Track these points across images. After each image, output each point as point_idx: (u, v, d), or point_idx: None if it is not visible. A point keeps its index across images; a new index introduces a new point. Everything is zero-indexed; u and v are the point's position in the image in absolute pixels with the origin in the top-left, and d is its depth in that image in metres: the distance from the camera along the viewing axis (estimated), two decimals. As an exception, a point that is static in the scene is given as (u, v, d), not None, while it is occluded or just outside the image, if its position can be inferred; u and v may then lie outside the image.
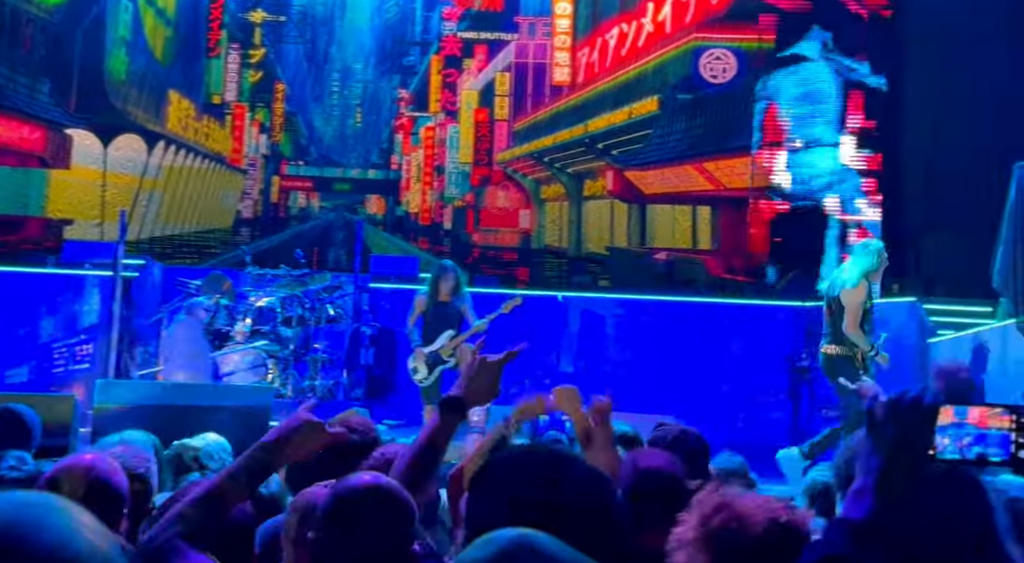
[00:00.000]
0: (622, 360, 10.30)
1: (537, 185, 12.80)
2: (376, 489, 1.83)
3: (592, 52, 12.75)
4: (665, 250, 12.33)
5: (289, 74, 12.88)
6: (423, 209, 12.81)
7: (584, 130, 12.66)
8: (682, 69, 12.35)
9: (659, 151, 12.41)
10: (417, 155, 12.89)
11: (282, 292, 8.92)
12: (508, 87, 12.81)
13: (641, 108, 12.47)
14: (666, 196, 12.45)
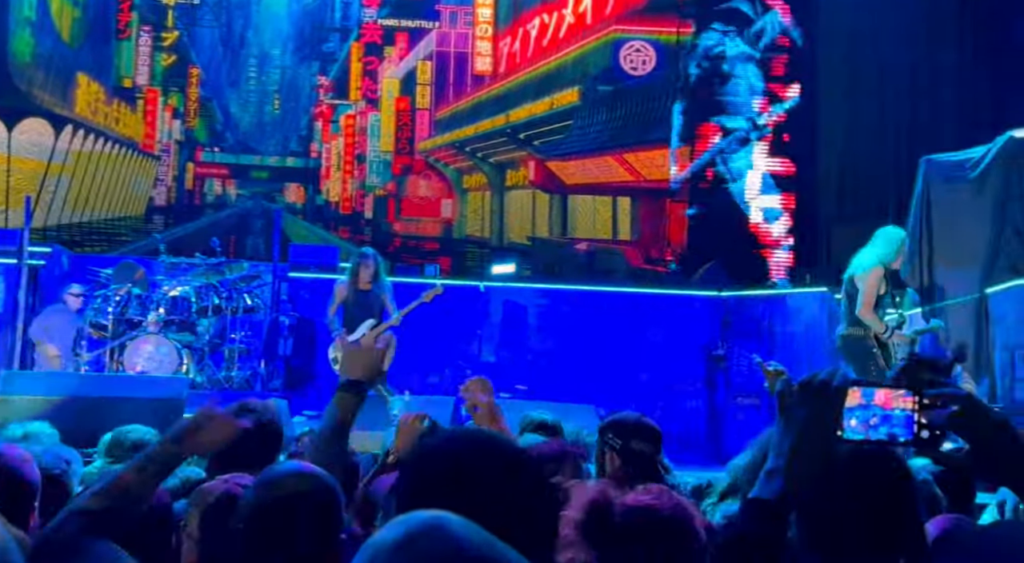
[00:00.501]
0: (544, 349, 10.35)
1: (459, 174, 12.76)
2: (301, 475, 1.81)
3: (514, 42, 12.75)
4: (586, 240, 12.43)
5: (204, 58, 12.57)
6: (343, 198, 12.66)
7: (506, 120, 12.67)
8: (602, 61, 12.44)
9: (580, 142, 12.50)
10: (337, 143, 12.72)
11: (197, 281, 8.72)
12: (430, 76, 12.73)
13: (562, 99, 12.53)
14: (587, 187, 12.55)
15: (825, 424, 1.35)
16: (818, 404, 1.35)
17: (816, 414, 1.35)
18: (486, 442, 1.30)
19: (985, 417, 1.29)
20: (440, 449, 1.30)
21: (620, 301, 10.46)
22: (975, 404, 1.31)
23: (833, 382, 1.35)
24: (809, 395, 1.36)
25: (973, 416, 1.30)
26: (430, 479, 1.24)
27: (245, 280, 9.07)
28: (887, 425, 1.35)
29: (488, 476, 1.22)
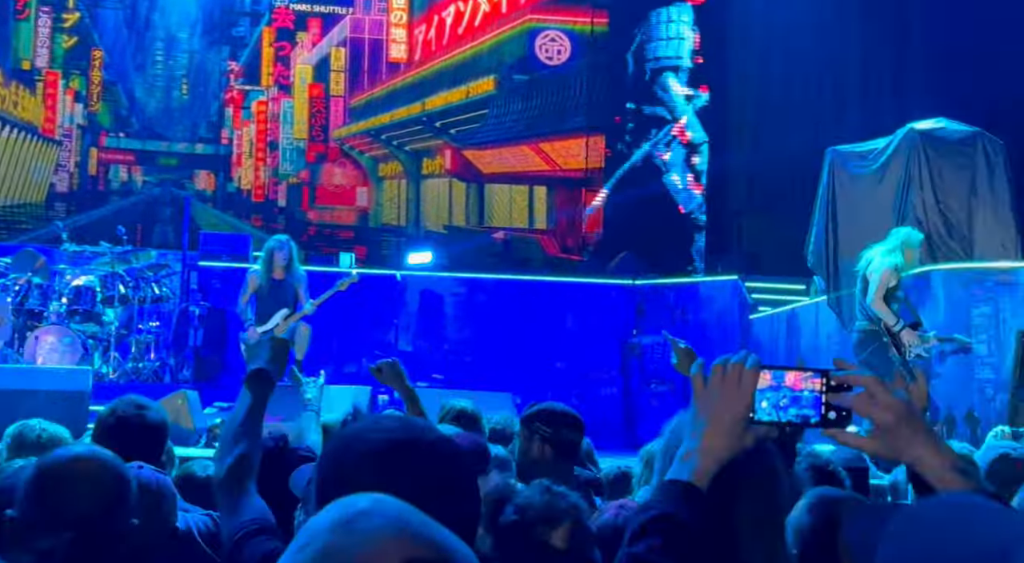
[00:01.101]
0: (460, 338, 10.33)
1: (375, 163, 12.63)
2: (82, 459, 1.76)
3: (429, 29, 12.66)
4: (502, 229, 12.45)
5: (108, 41, 12.14)
6: (256, 185, 12.40)
7: (422, 108, 12.59)
8: (518, 50, 12.46)
9: (496, 131, 12.50)
10: (249, 130, 12.45)
11: (102, 270, 8.43)
12: (344, 62, 12.56)
13: (478, 87, 12.51)
14: (504, 175, 12.56)
15: (737, 406, 1.37)
16: (731, 386, 1.37)
17: (729, 396, 1.37)
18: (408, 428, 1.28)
19: (888, 399, 1.33)
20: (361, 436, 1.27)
21: (536, 290, 10.50)
22: (879, 386, 1.35)
23: (746, 364, 1.38)
24: (722, 378, 1.38)
25: (876, 398, 1.33)
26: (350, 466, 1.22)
27: (153, 269, 8.82)
28: (796, 406, 1.37)
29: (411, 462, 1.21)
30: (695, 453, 1.37)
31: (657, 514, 1.34)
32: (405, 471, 1.19)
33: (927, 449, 1.33)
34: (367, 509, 0.88)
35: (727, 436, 1.37)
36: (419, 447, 1.23)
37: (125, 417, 2.73)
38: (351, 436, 1.30)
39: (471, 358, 10.16)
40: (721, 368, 1.39)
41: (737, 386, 1.37)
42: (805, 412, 1.37)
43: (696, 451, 1.37)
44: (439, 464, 1.22)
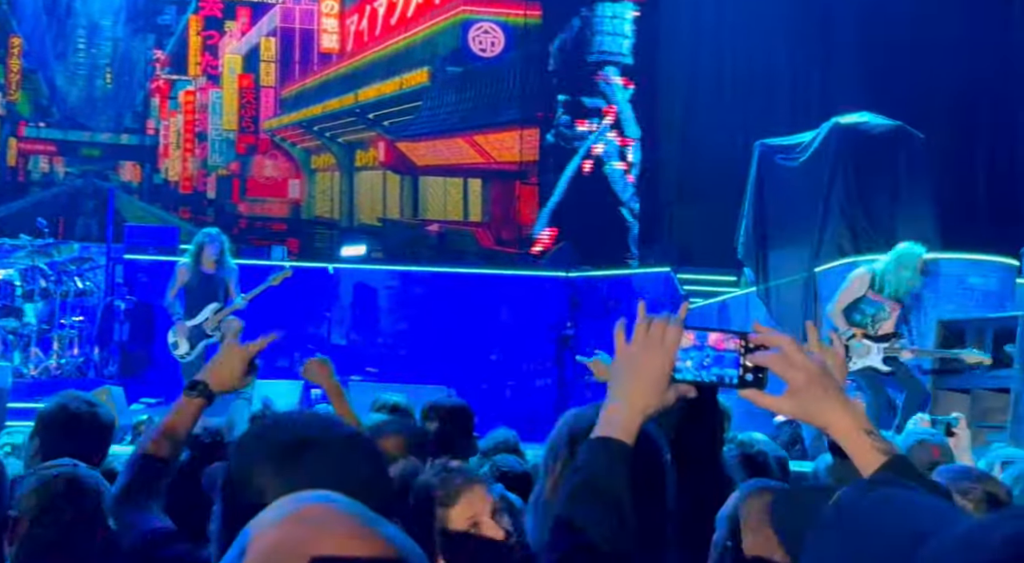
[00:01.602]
0: (395, 331, 10.28)
1: (307, 154, 12.47)
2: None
3: (361, 20, 12.53)
4: (437, 222, 12.41)
5: (26, 27, 11.76)
6: (184, 177, 12.15)
7: (354, 99, 12.46)
8: (451, 41, 12.41)
9: (430, 123, 12.44)
10: (176, 120, 12.19)
11: (22, 263, 8.19)
12: (274, 53, 12.36)
13: (411, 79, 12.43)
14: (438, 168, 12.51)
15: (661, 362, 1.38)
16: (654, 343, 1.38)
17: (652, 353, 1.38)
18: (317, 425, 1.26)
19: (802, 360, 1.35)
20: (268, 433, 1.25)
21: (471, 282, 10.49)
22: (795, 347, 1.37)
23: (669, 323, 1.39)
24: (646, 335, 1.39)
25: (791, 358, 1.35)
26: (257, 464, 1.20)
27: (76, 262, 8.60)
28: (718, 366, 1.39)
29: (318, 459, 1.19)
30: (620, 409, 1.38)
31: (588, 476, 1.34)
32: (312, 468, 1.18)
33: (838, 411, 1.34)
34: (317, 503, 0.87)
35: (650, 392, 1.37)
36: (327, 443, 1.21)
37: (78, 414, 2.64)
38: (258, 433, 1.28)
39: (406, 351, 10.12)
40: (645, 325, 1.40)
41: (661, 343, 1.38)
42: (725, 372, 1.39)
43: (620, 407, 1.38)
44: (348, 460, 1.21)
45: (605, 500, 1.32)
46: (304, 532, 0.83)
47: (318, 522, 0.84)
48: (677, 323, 1.40)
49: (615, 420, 1.38)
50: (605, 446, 1.36)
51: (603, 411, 1.40)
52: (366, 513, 0.86)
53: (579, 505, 1.33)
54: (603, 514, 1.32)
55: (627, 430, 1.37)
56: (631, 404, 1.38)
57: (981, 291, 7.18)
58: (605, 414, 1.39)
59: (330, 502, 0.87)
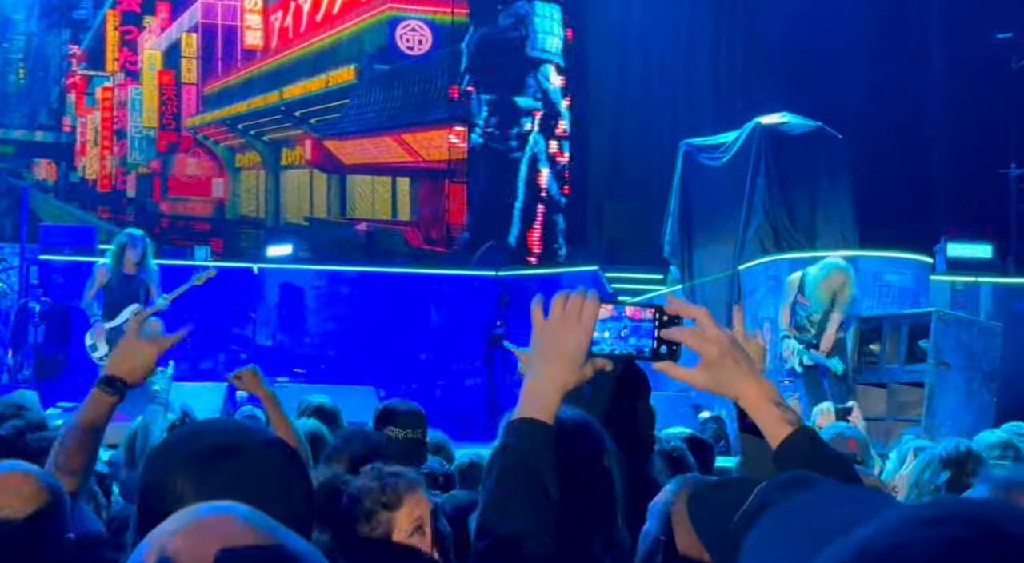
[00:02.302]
0: (323, 332, 10.16)
1: (231, 153, 12.25)
2: None
3: (285, 16, 12.35)
4: (365, 221, 12.30)
5: (-67, 21, 11.32)
6: (102, 175, 11.82)
7: (280, 97, 12.27)
8: (379, 39, 12.31)
9: (358, 121, 12.33)
10: (94, 117, 11.85)
11: (-70, 266, 7.88)
12: (196, 49, 12.10)
13: (338, 77, 12.29)
14: (366, 167, 12.41)
15: (579, 337, 1.37)
16: (571, 319, 1.38)
17: (570, 328, 1.37)
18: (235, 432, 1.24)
19: (715, 332, 1.37)
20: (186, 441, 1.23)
21: (400, 282, 10.43)
22: (708, 319, 1.39)
23: (586, 297, 1.39)
24: (563, 310, 1.38)
25: (705, 331, 1.37)
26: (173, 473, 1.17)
27: (-12, 264, 8.30)
28: (635, 336, 1.40)
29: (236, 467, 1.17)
30: (539, 387, 1.37)
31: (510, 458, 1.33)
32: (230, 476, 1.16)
33: (749, 383, 1.36)
34: (216, 514, 0.85)
35: (569, 368, 1.36)
36: (246, 451, 1.20)
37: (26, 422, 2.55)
38: (175, 441, 1.25)
39: (334, 352, 10.01)
40: (562, 301, 1.39)
41: (578, 318, 1.37)
42: (641, 344, 1.39)
43: (539, 385, 1.37)
44: (267, 468, 1.19)
45: (530, 481, 1.32)
46: (201, 544, 0.82)
47: (216, 533, 0.82)
48: (593, 297, 1.39)
49: (535, 399, 1.37)
50: (526, 427, 1.35)
51: (523, 389, 1.39)
52: (268, 522, 0.85)
53: (504, 488, 1.33)
54: (529, 495, 1.31)
55: (547, 409, 1.36)
56: (550, 380, 1.37)
57: (897, 288, 7.40)
58: (524, 393, 1.38)
59: (230, 512, 0.86)
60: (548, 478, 1.33)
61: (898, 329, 6.52)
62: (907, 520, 0.64)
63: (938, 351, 6.22)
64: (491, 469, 1.36)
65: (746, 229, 7.92)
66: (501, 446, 1.37)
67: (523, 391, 1.39)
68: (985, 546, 0.61)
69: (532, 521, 1.31)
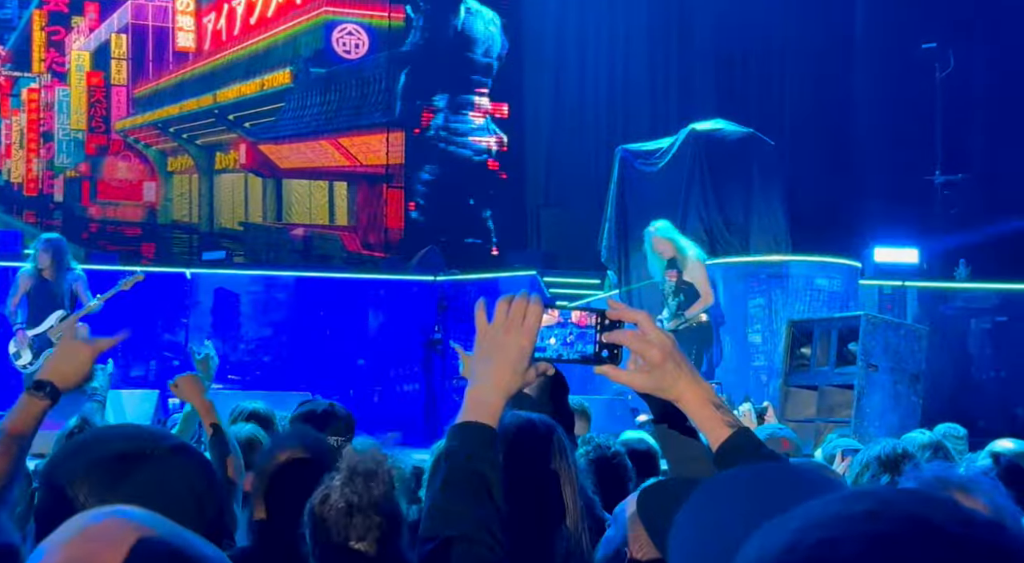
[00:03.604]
0: (257, 337, 10.02)
1: (163, 156, 12.01)
2: None
3: (219, 18, 12.17)
4: (302, 226, 12.17)
5: None
6: (28, 179, 11.49)
7: (213, 100, 12.08)
8: (315, 42, 12.21)
9: (294, 125, 12.19)
10: (19, 119, 11.52)
11: None
12: (125, 50, 11.85)
13: (273, 80, 12.15)
14: (302, 171, 12.28)
15: (523, 341, 1.37)
16: (515, 323, 1.37)
17: (514, 332, 1.37)
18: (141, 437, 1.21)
19: (657, 335, 1.38)
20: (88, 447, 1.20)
21: (337, 287, 10.34)
22: (650, 322, 1.40)
23: (529, 301, 1.38)
24: (507, 315, 1.38)
25: (647, 334, 1.38)
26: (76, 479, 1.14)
27: (-94, 270, 7.99)
28: (581, 342, 1.40)
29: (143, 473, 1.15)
30: (483, 391, 1.37)
31: (456, 462, 1.33)
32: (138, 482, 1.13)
33: (689, 385, 1.38)
34: (108, 518, 0.83)
35: (513, 372, 1.36)
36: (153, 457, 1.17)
37: None
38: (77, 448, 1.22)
39: (270, 357, 9.88)
40: (506, 305, 1.39)
41: (522, 322, 1.37)
42: (585, 349, 1.40)
43: (483, 389, 1.37)
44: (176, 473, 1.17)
45: (475, 485, 1.32)
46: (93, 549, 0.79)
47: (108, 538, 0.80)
48: (537, 302, 1.39)
49: (479, 403, 1.37)
50: (471, 430, 1.35)
51: (466, 393, 1.39)
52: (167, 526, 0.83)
53: (448, 492, 1.32)
54: (474, 499, 1.31)
55: (491, 412, 1.36)
56: (494, 384, 1.37)
57: (827, 292, 7.56)
58: (468, 397, 1.38)
59: (122, 516, 0.84)
60: (493, 480, 1.33)
61: (829, 332, 6.66)
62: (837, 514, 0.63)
63: (867, 353, 6.36)
64: (435, 473, 1.36)
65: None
66: (445, 450, 1.37)
67: (467, 395, 1.39)
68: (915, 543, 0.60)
69: (478, 524, 1.30)
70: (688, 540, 0.87)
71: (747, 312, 7.40)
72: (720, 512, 0.86)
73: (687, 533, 0.87)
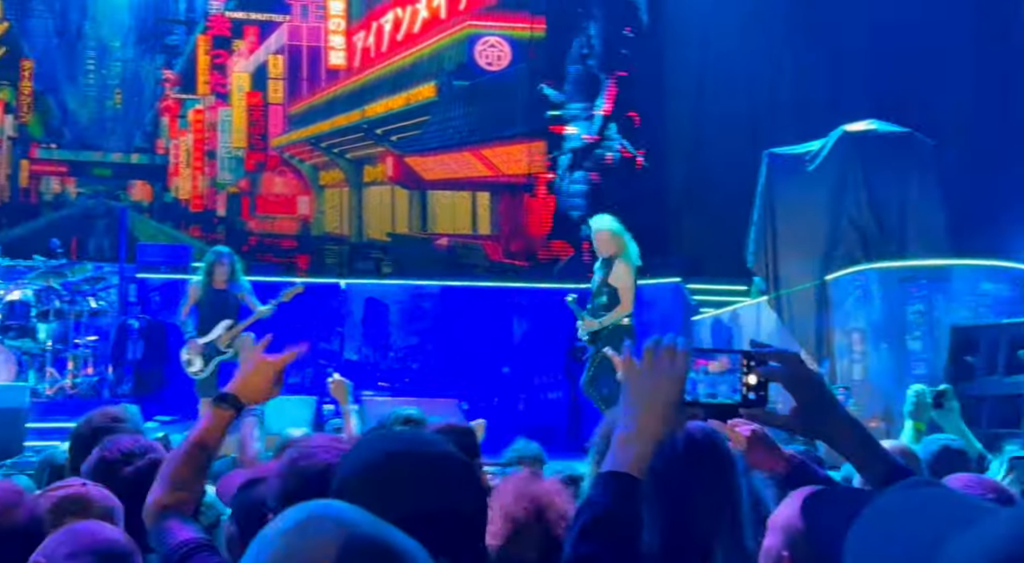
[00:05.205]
0: (406, 346, 10.29)
1: (316, 171, 12.53)
2: None
3: (368, 36, 12.61)
4: (446, 236, 12.43)
5: (37, 50, 11.86)
6: (194, 195, 12.21)
7: (362, 115, 12.52)
8: (458, 56, 12.47)
9: (438, 137, 12.48)
10: (186, 139, 12.26)
11: (37, 284, 8.23)
12: (282, 70, 12.44)
13: (418, 94, 12.48)
14: (446, 182, 12.55)
15: (671, 388, 1.36)
16: (663, 369, 1.37)
17: (662, 379, 1.37)
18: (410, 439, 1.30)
19: (807, 374, 1.36)
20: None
21: (481, 296, 10.51)
22: (799, 361, 1.37)
23: (677, 347, 1.38)
24: (654, 361, 1.38)
25: (797, 372, 1.36)
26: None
27: (89, 282, 8.63)
28: (727, 386, 1.40)
29: (357, 486, 1.21)
30: (631, 439, 1.35)
31: (598, 513, 1.32)
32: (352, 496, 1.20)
33: (840, 426, 1.35)
34: (318, 514, 0.88)
35: (661, 419, 1.35)
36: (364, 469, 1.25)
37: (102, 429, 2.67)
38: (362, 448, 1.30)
39: (418, 365, 10.13)
40: (652, 351, 1.38)
41: (670, 368, 1.37)
42: (732, 393, 1.39)
43: (632, 437, 1.35)
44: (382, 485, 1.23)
45: (616, 537, 1.30)
46: (306, 544, 0.85)
47: (321, 532, 0.86)
48: (685, 347, 1.38)
49: (627, 452, 1.35)
50: (616, 481, 1.33)
51: (614, 441, 1.37)
52: (368, 519, 0.88)
53: (590, 543, 1.30)
54: (615, 553, 1.29)
55: (638, 463, 1.34)
56: (643, 432, 1.35)
57: (993, 297, 7.16)
58: (617, 445, 1.36)
59: (333, 511, 0.89)
60: (636, 534, 1.31)
61: (997, 339, 6.30)
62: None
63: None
64: (577, 521, 1.34)
65: (834, 239, 7.77)
66: (589, 499, 1.35)
67: (615, 441, 1.37)
68: None
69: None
70: (871, 553, 0.86)
71: (905, 318, 7.10)
72: (908, 525, 0.85)
73: (871, 546, 0.86)
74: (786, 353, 1.39)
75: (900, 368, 7.02)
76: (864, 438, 1.35)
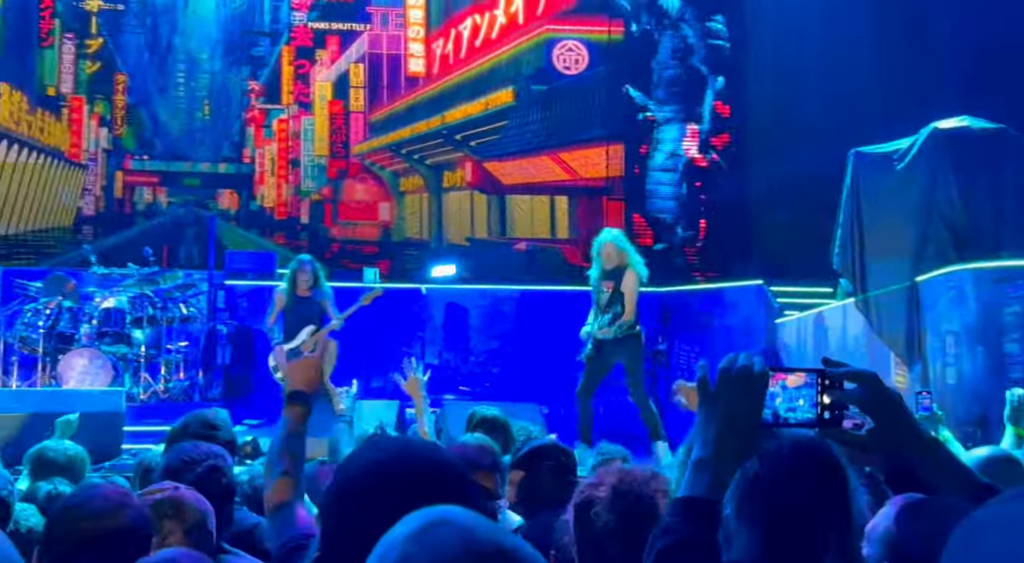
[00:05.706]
0: (486, 350, 10.34)
1: (396, 177, 12.69)
2: None
3: (447, 43, 12.72)
4: (525, 240, 12.46)
5: (130, 65, 12.30)
6: (279, 203, 12.50)
7: (441, 121, 12.64)
8: (536, 60, 12.49)
9: (516, 142, 12.53)
10: (270, 148, 12.56)
11: (131, 292, 8.52)
12: (363, 78, 12.64)
13: (496, 99, 12.54)
14: (524, 186, 12.58)
15: (748, 410, 1.33)
16: (739, 390, 1.33)
17: (739, 400, 1.33)
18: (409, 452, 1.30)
19: (886, 394, 1.31)
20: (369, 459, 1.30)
21: (561, 300, 10.49)
22: (877, 381, 1.33)
23: (754, 367, 1.34)
24: (730, 381, 1.34)
25: (876, 393, 1.32)
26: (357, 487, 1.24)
27: (180, 289, 8.91)
28: (804, 404, 1.36)
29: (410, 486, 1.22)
30: (708, 464, 1.32)
31: (678, 540, 1.28)
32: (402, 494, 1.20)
33: (922, 445, 1.31)
34: (438, 520, 0.90)
35: (740, 442, 1.32)
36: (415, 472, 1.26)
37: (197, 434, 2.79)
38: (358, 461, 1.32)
39: (498, 369, 10.17)
40: (728, 371, 1.35)
41: (746, 389, 1.33)
42: (808, 412, 1.35)
43: (708, 462, 1.32)
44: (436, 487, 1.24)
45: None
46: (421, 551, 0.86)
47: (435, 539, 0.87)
48: (761, 366, 1.34)
49: (702, 478, 1.31)
50: (692, 508, 1.30)
51: (690, 465, 1.34)
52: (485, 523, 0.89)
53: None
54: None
55: (714, 486, 1.31)
56: (721, 454, 1.32)
57: (1097, 299, 6.85)
58: (692, 470, 1.33)
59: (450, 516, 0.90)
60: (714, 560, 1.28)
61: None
62: None
63: None
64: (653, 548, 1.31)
65: (924, 238, 7.54)
66: (665, 525, 1.32)
67: (691, 465, 1.34)
68: None
69: None
70: None
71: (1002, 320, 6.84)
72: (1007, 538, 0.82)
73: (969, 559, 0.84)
74: (863, 373, 1.35)
75: (996, 372, 6.77)
76: (946, 458, 1.30)
